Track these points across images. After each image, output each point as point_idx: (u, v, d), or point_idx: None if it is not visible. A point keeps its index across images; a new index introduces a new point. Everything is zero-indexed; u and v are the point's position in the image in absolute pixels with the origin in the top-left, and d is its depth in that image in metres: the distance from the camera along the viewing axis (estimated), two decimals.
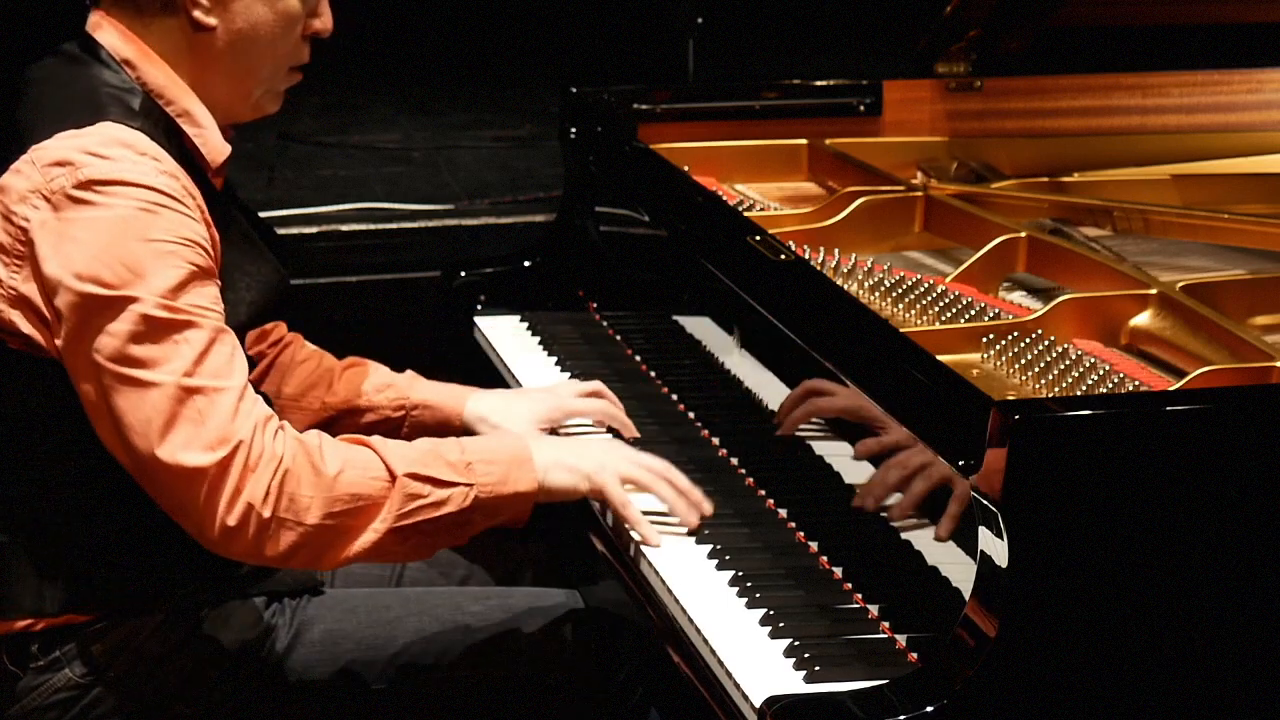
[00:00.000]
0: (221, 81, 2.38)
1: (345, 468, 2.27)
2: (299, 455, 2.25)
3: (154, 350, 2.20)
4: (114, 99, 2.30)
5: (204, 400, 2.20)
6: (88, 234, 2.21)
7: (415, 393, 2.80)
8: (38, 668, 2.36)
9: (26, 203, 2.23)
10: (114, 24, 2.35)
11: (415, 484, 2.30)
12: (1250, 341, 2.36)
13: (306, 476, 2.24)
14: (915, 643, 2.12)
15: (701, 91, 3.58)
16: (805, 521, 2.42)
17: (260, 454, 2.22)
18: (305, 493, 2.24)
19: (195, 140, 2.36)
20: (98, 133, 2.25)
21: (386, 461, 2.30)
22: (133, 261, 2.20)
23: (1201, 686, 1.99)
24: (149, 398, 2.20)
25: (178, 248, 2.23)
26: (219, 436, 2.20)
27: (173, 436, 2.20)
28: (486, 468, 2.36)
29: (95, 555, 2.35)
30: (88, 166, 2.22)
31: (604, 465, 2.42)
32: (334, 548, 2.28)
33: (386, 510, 2.28)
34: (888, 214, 2.95)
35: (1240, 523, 1.96)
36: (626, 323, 3.12)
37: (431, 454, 2.34)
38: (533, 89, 5.86)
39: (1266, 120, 3.42)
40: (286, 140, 5.21)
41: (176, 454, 2.20)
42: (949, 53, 3.38)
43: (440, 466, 2.33)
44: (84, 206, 2.21)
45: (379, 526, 2.28)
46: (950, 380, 2.14)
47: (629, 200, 3.07)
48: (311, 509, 2.24)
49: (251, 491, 2.21)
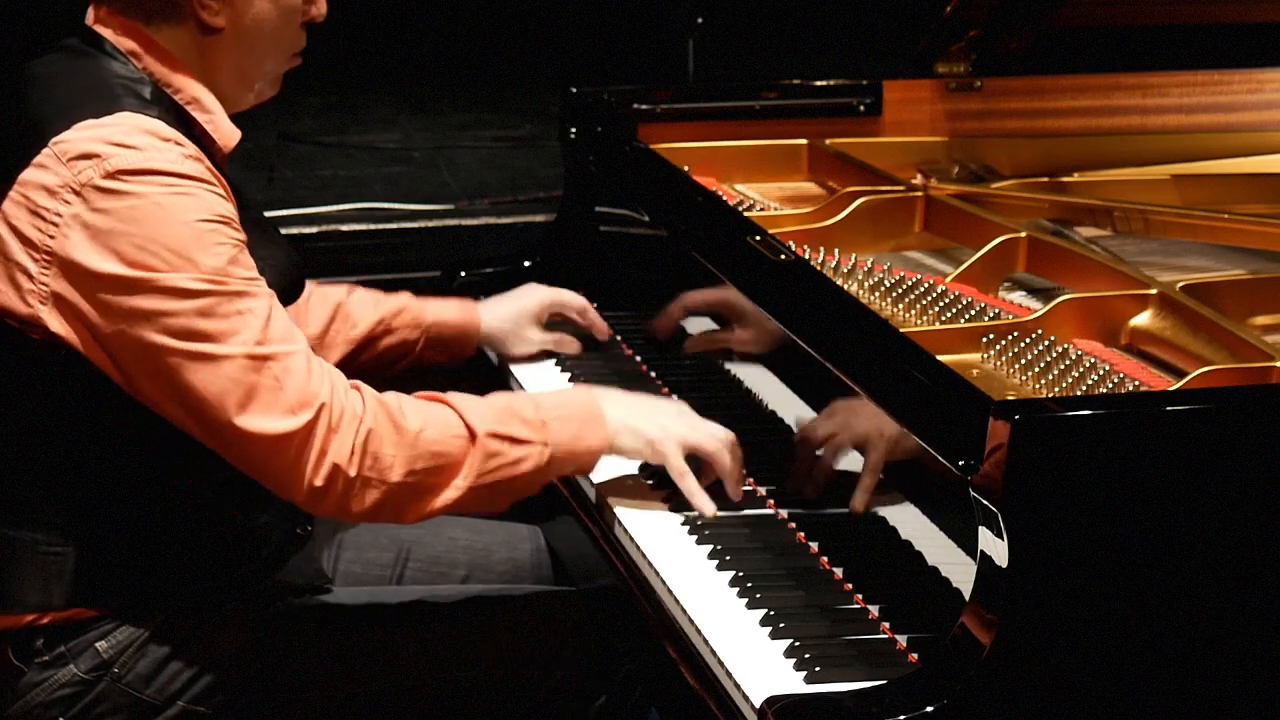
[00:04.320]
0: (228, 76, 2.40)
1: (427, 426, 2.31)
2: (379, 414, 2.29)
3: (221, 324, 2.22)
4: (126, 89, 2.31)
5: (278, 366, 2.23)
6: (127, 224, 2.21)
7: (428, 313, 2.91)
8: (42, 663, 2.36)
9: (56, 198, 2.23)
10: (119, 21, 2.36)
11: (495, 443, 2.35)
12: (1250, 341, 2.36)
13: (389, 435, 2.28)
14: (915, 643, 2.12)
15: (701, 91, 3.58)
16: (805, 521, 2.42)
17: (341, 413, 2.26)
18: (389, 451, 2.28)
19: (206, 126, 2.37)
20: (119, 122, 2.26)
21: (466, 420, 2.34)
22: (179, 245, 2.21)
23: (1202, 686, 1.99)
24: (223, 370, 2.22)
25: (218, 225, 2.25)
26: (300, 399, 2.24)
27: (253, 406, 2.22)
28: (561, 425, 2.41)
29: (102, 551, 2.35)
30: (115, 157, 2.23)
31: (668, 433, 2.46)
32: (417, 503, 2.33)
33: (468, 468, 2.33)
34: (888, 214, 2.95)
35: (1240, 523, 1.96)
36: (626, 323, 3.12)
37: (508, 411, 2.39)
38: (533, 89, 5.86)
39: (1266, 120, 3.41)
40: (286, 140, 5.21)
41: (259, 422, 2.23)
42: (949, 53, 3.38)
43: (517, 424, 2.37)
44: (117, 197, 2.22)
45: (460, 484, 2.33)
46: (950, 380, 2.14)
47: (629, 200, 3.07)
48: (395, 467, 2.28)
49: (337, 451, 2.25)
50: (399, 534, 2.83)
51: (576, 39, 6.26)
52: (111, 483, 2.34)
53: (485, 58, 6.40)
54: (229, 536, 2.43)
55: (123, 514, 2.35)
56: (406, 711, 2.48)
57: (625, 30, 5.90)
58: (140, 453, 2.34)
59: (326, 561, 2.72)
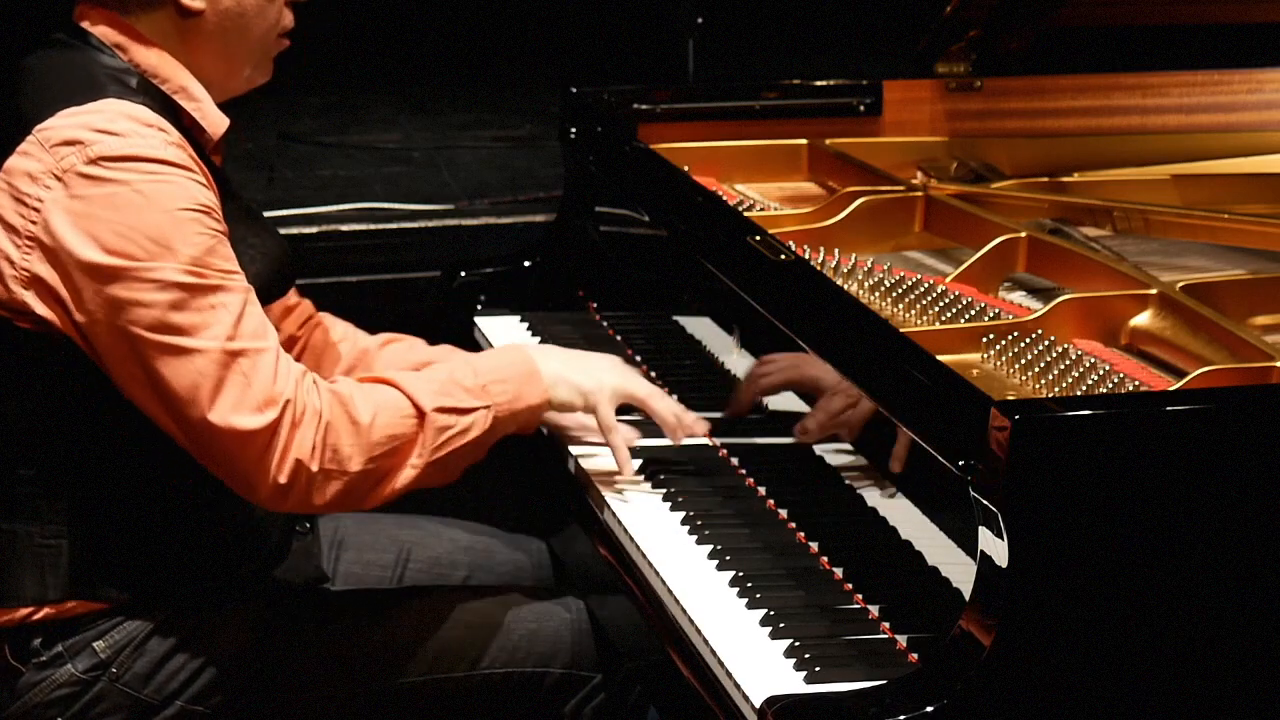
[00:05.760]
0: (213, 61, 2.40)
1: (378, 412, 2.34)
2: (335, 407, 2.31)
3: (194, 317, 2.23)
4: (112, 78, 2.32)
5: (248, 362, 2.25)
6: (107, 211, 2.22)
7: None
8: (39, 663, 2.36)
9: (38, 183, 2.24)
10: (100, 14, 2.36)
11: (443, 417, 2.38)
12: (1250, 341, 2.36)
13: (345, 428, 2.31)
14: (915, 643, 2.12)
15: (701, 91, 3.58)
16: (805, 521, 2.42)
17: (303, 410, 2.28)
18: (346, 443, 2.30)
19: (194, 114, 2.37)
20: (102, 109, 2.27)
21: (414, 399, 2.37)
22: (158, 233, 2.22)
23: (1202, 685, 1.99)
24: (194, 364, 2.23)
25: (198, 215, 2.25)
26: (266, 397, 2.25)
27: (221, 400, 2.24)
28: (500, 386, 2.44)
29: (98, 544, 2.35)
30: (98, 144, 2.23)
31: (601, 384, 2.51)
32: (377, 488, 2.35)
33: (421, 446, 2.36)
34: (888, 214, 2.95)
35: (1240, 523, 1.96)
36: (626, 323, 3.12)
37: (449, 382, 2.41)
38: (533, 89, 5.86)
39: (1266, 120, 3.41)
40: (286, 140, 5.20)
41: (228, 417, 2.24)
42: (949, 53, 3.38)
43: (460, 394, 2.41)
44: (98, 183, 2.22)
45: (416, 462, 2.36)
46: (950, 380, 2.14)
47: (629, 200, 3.07)
48: (353, 458, 2.31)
49: (299, 448, 2.27)
50: (399, 535, 2.83)
51: (576, 39, 6.26)
52: (107, 474, 2.34)
53: (485, 58, 6.40)
54: (227, 531, 2.44)
55: (119, 506, 2.35)
56: (406, 711, 2.48)
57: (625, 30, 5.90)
58: (135, 444, 2.34)
59: (326, 562, 2.72)
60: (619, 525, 2.48)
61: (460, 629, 2.52)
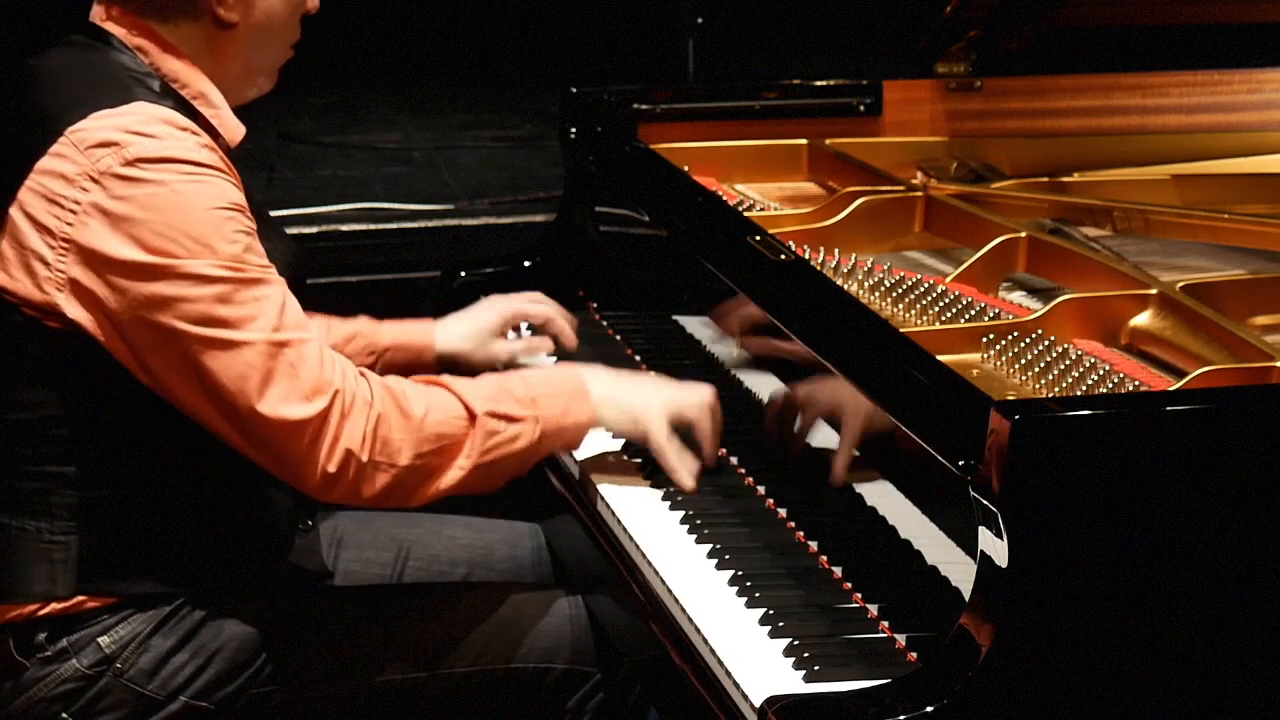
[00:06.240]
0: (236, 70, 2.43)
1: (430, 409, 2.36)
2: (386, 399, 2.33)
3: (239, 310, 2.25)
4: (137, 81, 2.34)
5: (294, 352, 2.27)
6: (146, 211, 2.24)
7: (383, 337, 2.91)
8: (44, 658, 2.37)
9: (74, 185, 2.25)
10: (126, 17, 2.37)
11: (493, 421, 2.40)
12: (1250, 341, 2.36)
13: (396, 420, 2.33)
14: (915, 643, 2.12)
15: (701, 91, 3.58)
16: (805, 521, 2.42)
17: (354, 400, 2.30)
18: (396, 435, 2.33)
19: (212, 121, 2.39)
20: (135, 111, 2.28)
21: (465, 401, 2.40)
22: (197, 231, 2.24)
23: (1202, 685, 1.99)
24: (242, 356, 2.25)
25: (234, 214, 2.28)
26: (314, 386, 2.27)
27: (271, 391, 2.26)
28: (549, 401, 2.46)
29: (107, 540, 2.36)
30: (134, 145, 2.25)
31: (650, 406, 2.52)
32: (424, 485, 2.37)
33: (469, 448, 2.38)
34: (888, 214, 2.95)
35: (1240, 523, 1.96)
36: (626, 323, 3.12)
37: (500, 390, 2.44)
38: (533, 89, 5.86)
39: (1266, 120, 3.41)
40: (286, 140, 5.21)
41: (277, 408, 2.26)
42: (949, 53, 3.38)
43: (510, 403, 2.43)
44: (137, 184, 2.24)
45: (464, 463, 2.38)
46: (950, 380, 2.14)
47: (629, 200, 3.07)
48: (403, 451, 2.33)
49: (349, 437, 2.29)
50: (399, 533, 2.83)
51: (576, 39, 6.26)
52: (117, 471, 2.35)
53: (485, 58, 6.40)
54: (233, 527, 2.44)
55: (129, 503, 2.36)
56: (407, 709, 2.49)
57: (625, 30, 5.90)
58: (146, 441, 2.35)
59: (327, 560, 2.72)
60: (618, 524, 2.48)
61: (462, 626, 2.52)
